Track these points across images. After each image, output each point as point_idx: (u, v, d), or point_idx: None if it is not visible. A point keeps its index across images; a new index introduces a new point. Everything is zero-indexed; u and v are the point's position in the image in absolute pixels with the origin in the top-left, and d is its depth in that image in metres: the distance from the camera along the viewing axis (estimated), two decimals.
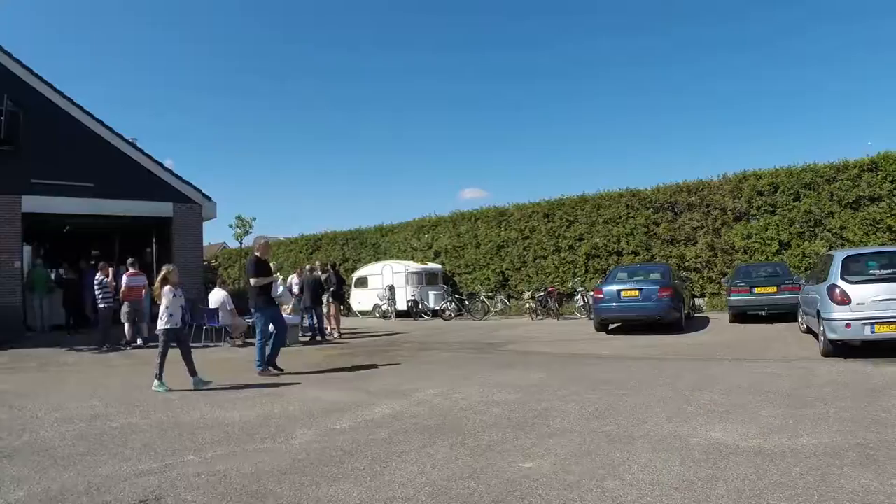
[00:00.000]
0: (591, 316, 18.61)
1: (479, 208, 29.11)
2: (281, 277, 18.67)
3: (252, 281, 11.43)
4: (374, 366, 12.49)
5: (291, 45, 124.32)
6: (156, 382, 10.17)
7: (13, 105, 19.52)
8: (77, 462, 6.21)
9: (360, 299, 29.17)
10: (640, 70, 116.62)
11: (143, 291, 17.27)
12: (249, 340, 17.13)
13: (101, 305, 17.13)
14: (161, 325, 10.18)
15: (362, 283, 29.16)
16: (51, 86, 20.76)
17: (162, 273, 10.53)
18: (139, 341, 16.90)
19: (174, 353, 10.30)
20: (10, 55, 20.29)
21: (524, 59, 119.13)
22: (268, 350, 11.62)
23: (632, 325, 17.14)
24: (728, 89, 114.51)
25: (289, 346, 16.07)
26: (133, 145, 21.76)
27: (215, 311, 16.74)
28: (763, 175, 21.67)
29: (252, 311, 11.75)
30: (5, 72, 20.04)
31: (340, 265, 25.84)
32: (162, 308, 10.17)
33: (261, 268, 11.83)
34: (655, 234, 23.48)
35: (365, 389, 9.75)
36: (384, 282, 27.35)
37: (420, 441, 6.52)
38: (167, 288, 10.19)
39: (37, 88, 20.48)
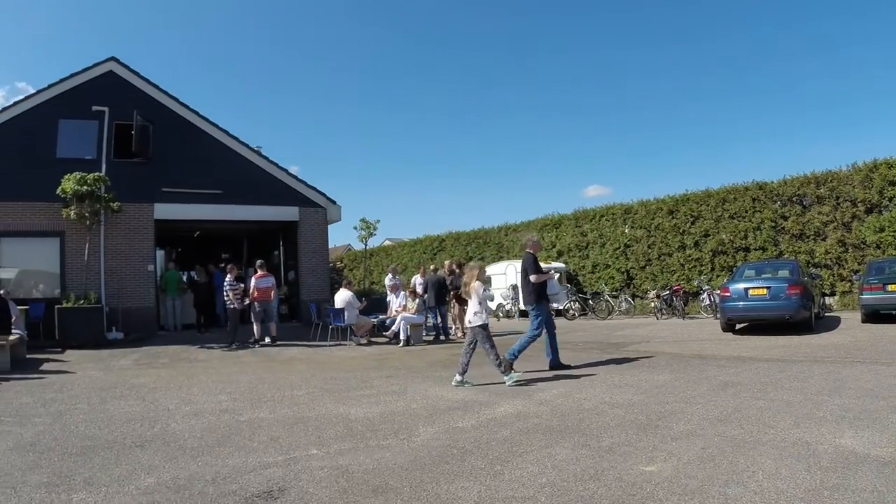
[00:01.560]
0: (718, 315, 17.92)
1: (602, 206, 28.45)
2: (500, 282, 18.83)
3: (532, 278, 11.35)
4: (497, 365, 12.33)
5: (415, 48, 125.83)
6: (512, 374, 10.11)
7: (143, 120, 20.59)
8: (205, 453, 6.39)
9: None
10: (766, 65, 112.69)
11: (272, 292, 17.72)
12: (375, 339, 17.38)
13: (231, 305, 17.70)
14: (478, 320, 10.19)
15: (486, 282, 28.70)
16: (177, 100, 21.68)
17: (473, 271, 10.53)
18: (267, 340, 17.29)
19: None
20: (137, 74, 21.42)
21: (647, 58, 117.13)
22: (516, 350, 11.33)
23: (760, 324, 16.42)
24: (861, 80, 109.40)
25: (413, 344, 16.21)
26: (259, 153, 22.32)
27: (341, 310, 16.96)
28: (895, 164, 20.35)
29: (529, 307, 11.68)
30: (135, 90, 21.16)
31: (465, 264, 25.78)
32: (475, 304, 10.19)
33: (538, 265, 11.88)
34: (783, 228, 22.29)
35: (487, 388, 9.69)
36: (507, 281, 27.03)
37: (541, 441, 6.38)
38: (477, 284, 10.23)
39: (164, 103, 21.45)
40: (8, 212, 19.29)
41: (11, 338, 13.74)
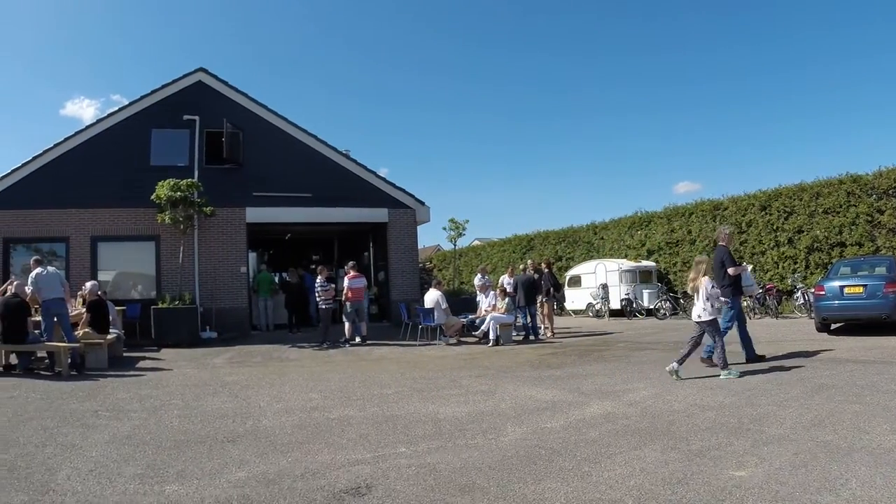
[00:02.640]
0: (812, 315, 17.19)
1: (692, 202, 27.39)
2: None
3: (731, 270, 11.21)
4: (586, 365, 12.17)
5: (500, 53, 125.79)
6: (731, 370, 10.06)
7: (233, 127, 21.15)
8: (295, 449, 6.44)
9: (573, 298, 28.53)
10: (858, 59, 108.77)
11: (364, 292, 17.86)
12: (464, 339, 17.33)
13: (322, 306, 17.93)
14: (707, 315, 10.12)
15: (575, 281, 28.52)
16: (265, 107, 22.13)
17: (700, 266, 10.39)
18: (357, 339, 17.41)
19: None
20: (225, 82, 22.04)
21: (736, 56, 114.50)
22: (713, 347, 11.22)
23: (856, 324, 15.67)
24: None
25: (502, 344, 16.10)
26: (347, 156, 22.55)
27: (431, 310, 16.96)
28: None
29: (726, 300, 11.49)
30: (223, 98, 21.79)
31: (554, 264, 25.45)
32: (703, 300, 10.14)
33: (733, 257, 11.77)
34: (879, 223, 21.11)
35: (577, 389, 9.51)
36: (597, 280, 26.58)
37: (630, 443, 6.24)
38: (705, 279, 10.15)
39: (252, 110, 21.96)
40: (106, 217, 20.24)
41: (109, 337, 14.21)
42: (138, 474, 5.73)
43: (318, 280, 18.17)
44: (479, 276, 19.82)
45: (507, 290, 17.97)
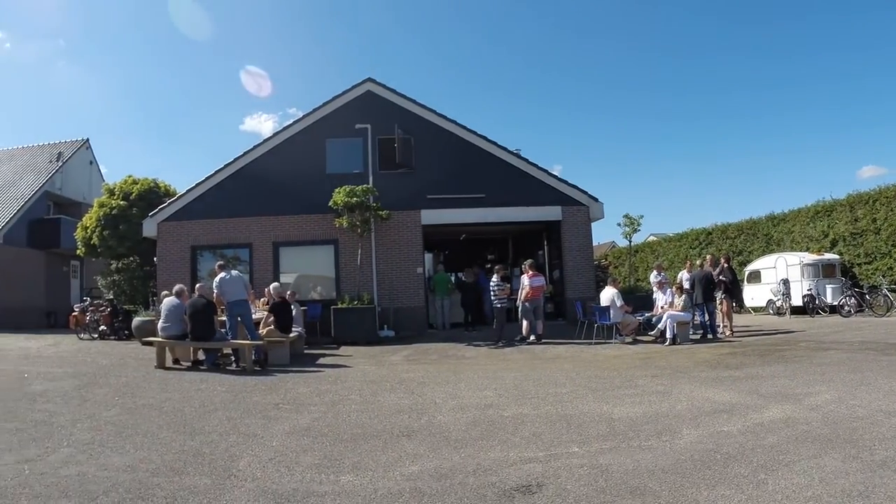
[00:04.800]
0: None
1: (877, 188, 24.73)
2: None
3: None
4: (766, 366, 11.56)
5: (674, 60, 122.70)
6: None
7: (404, 133, 21.69)
8: (468, 445, 6.49)
9: (752, 295, 27.27)
10: None
11: (542, 290, 17.82)
12: (640, 338, 16.96)
13: (497, 304, 18.00)
14: None
15: (755, 277, 27.24)
16: (434, 111, 22.50)
17: None
18: (532, 338, 17.35)
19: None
20: (393, 90, 22.56)
21: None
22: None
23: None
24: None
25: (679, 343, 15.66)
26: (518, 156, 22.54)
27: (606, 308, 16.70)
28: None
29: None
30: (393, 105, 22.37)
31: (732, 259, 24.41)
32: None
33: None
34: None
35: (755, 391, 9.06)
36: (777, 275, 25.28)
37: (810, 451, 5.89)
38: None
39: (422, 116, 22.41)
40: (287, 223, 21.44)
41: (291, 335, 14.84)
42: (315, 464, 5.97)
43: (493, 279, 18.31)
44: (654, 272, 19.32)
45: (685, 286, 17.46)
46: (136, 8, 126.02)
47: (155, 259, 22.42)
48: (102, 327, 22.02)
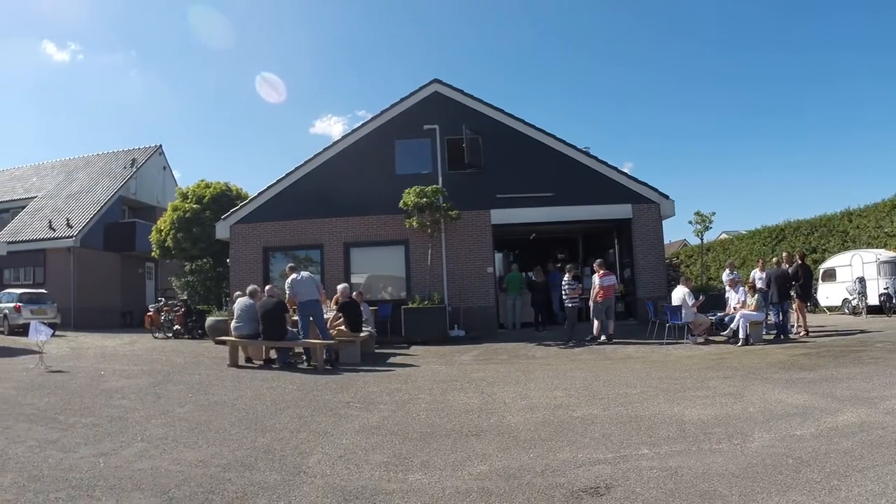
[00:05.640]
0: None
1: None
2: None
3: None
4: (841, 367, 11.26)
5: (747, 55, 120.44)
6: None
7: (472, 133, 21.76)
8: (537, 446, 6.49)
9: (827, 294, 26.37)
10: None
11: (614, 289, 17.71)
12: (712, 338, 16.71)
13: (568, 304, 17.92)
14: None
15: (829, 275, 26.28)
16: (502, 111, 22.53)
17: None
18: (603, 337, 17.25)
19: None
20: (460, 91, 22.73)
21: None
22: None
23: None
24: None
25: (752, 344, 15.39)
26: (587, 154, 22.41)
27: (678, 307, 16.49)
28: None
29: None
30: (460, 106, 22.56)
31: (806, 256, 23.79)
32: None
33: None
34: None
35: (830, 394, 8.81)
36: (853, 273, 24.40)
37: (885, 457, 5.71)
38: None
39: (490, 115, 22.48)
40: (357, 224, 21.79)
41: (362, 334, 15.03)
42: (384, 462, 6.03)
43: (565, 278, 18.22)
44: (727, 271, 19.05)
45: (758, 285, 17.15)
46: (204, 17, 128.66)
47: (228, 260, 22.94)
48: (177, 327, 22.63)
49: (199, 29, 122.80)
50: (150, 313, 24.33)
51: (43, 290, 28.55)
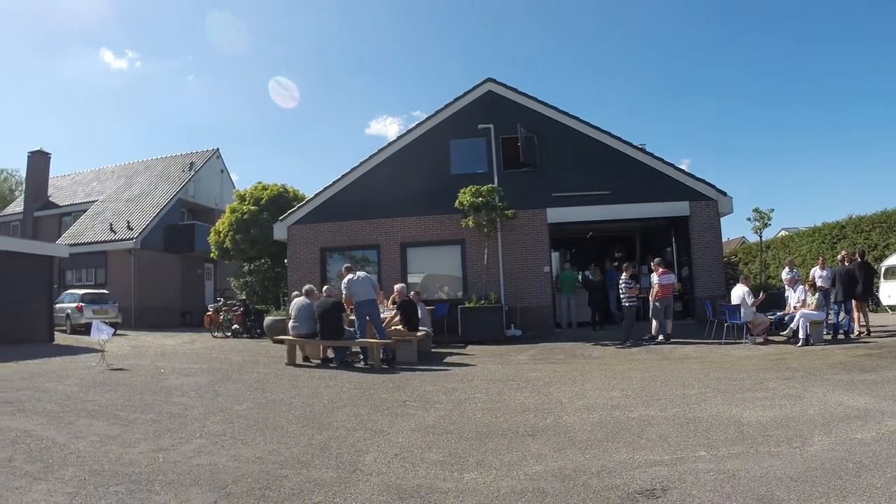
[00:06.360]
0: None
1: None
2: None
3: None
4: None
5: (801, 47, 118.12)
6: None
7: (526, 131, 21.74)
8: (593, 446, 6.49)
9: (889, 292, 25.44)
10: None
11: (672, 289, 17.57)
12: (771, 338, 16.46)
13: (626, 303, 17.82)
14: None
15: (892, 273, 25.38)
16: (556, 108, 22.40)
17: None
18: (661, 337, 17.12)
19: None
20: (514, 89, 22.66)
21: None
22: None
23: None
24: None
25: (812, 344, 15.14)
26: (643, 150, 22.20)
27: (737, 307, 16.26)
28: None
29: None
30: (514, 104, 22.50)
31: (868, 253, 23.20)
32: None
33: None
34: None
35: (892, 396, 8.63)
36: None
37: None
38: None
39: (544, 113, 22.37)
40: (413, 224, 21.95)
41: (419, 334, 15.13)
42: (439, 461, 6.10)
43: (622, 277, 18.11)
44: (786, 269, 18.75)
45: (818, 283, 16.84)
46: (258, 20, 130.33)
47: (285, 261, 23.24)
48: (235, 326, 23.06)
49: (254, 32, 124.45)
50: (210, 313, 24.82)
51: (104, 291, 29.38)
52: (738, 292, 16.47)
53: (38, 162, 40.89)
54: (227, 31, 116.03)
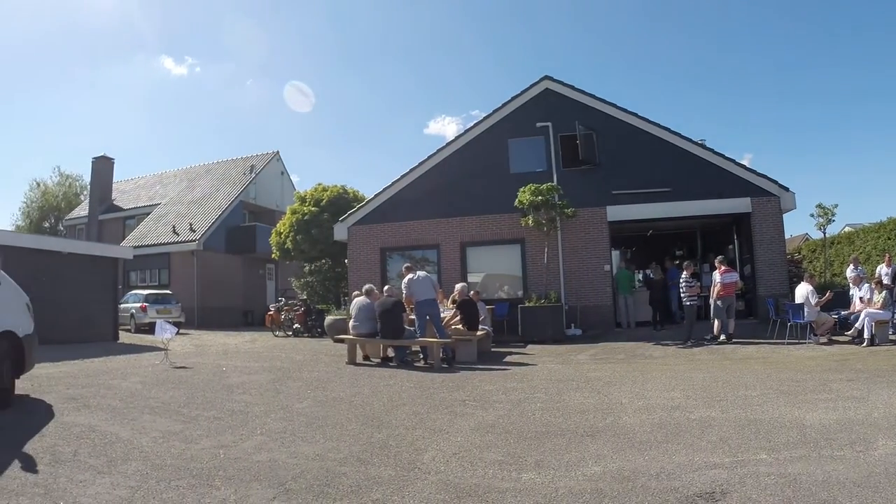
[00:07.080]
0: None
1: None
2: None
3: None
4: None
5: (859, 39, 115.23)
6: None
7: (585, 129, 21.62)
8: (652, 448, 6.46)
9: None
10: None
11: (734, 287, 17.39)
12: (836, 338, 16.17)
13: (687, 302, 17.66)
14: None
15: None
16: (614, 105, 22.24)
17: None
18: (722, 337, 16.91)
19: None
20: (571, 86, 22.58)
21: None
22: None
23: None
24: None
25: (878, 344, 14.84)
26: (703, 146, 21.88)
27: (800, 306, 15.99)
28: None
29: None
30: (572, 102, 22.39)
31: None
32: None
33: None
34: None
35: None
36: None
37: None
38: None
39: (602, 110, 22.21)
40: (473, 224, 22.04)
41: (479, 333, 15.23)
42: (498, 461, 6.13)
43: (682, 276, 17.93)
44: (851, 266, 18.33)
45: (885, 281, 16.46)
46: (314, 24, 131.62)
47: (346, 261, 23.53)
48: (296, 325, 23.43)
49: (311, 35, 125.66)
50: (271, 312, 25.24)
51: (168, 291, 30.14)
52: (802, 291, 16.21)
53: (102, 167, 42.01)
54: (283, 36, 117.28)
